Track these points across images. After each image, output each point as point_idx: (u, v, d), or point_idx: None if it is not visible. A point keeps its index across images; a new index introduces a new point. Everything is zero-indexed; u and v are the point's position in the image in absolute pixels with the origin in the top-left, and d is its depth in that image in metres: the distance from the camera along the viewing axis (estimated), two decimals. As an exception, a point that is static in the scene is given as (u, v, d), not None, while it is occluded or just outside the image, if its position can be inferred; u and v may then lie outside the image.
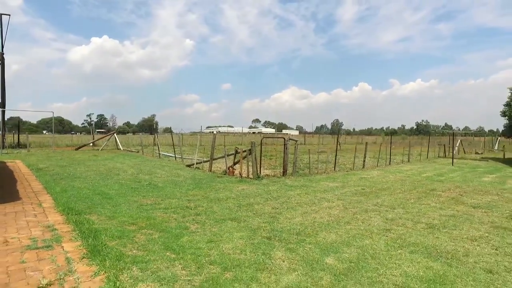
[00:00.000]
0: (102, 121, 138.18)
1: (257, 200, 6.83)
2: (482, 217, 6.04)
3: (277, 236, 4.53)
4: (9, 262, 3.27)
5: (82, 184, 8.12)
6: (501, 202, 7.42)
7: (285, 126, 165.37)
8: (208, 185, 8.64)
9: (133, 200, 6.52)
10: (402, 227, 5.23)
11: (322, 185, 9.06)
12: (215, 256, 3.72)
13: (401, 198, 7.58)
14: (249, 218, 5.44)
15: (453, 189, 9.13)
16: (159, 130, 57.65)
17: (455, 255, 4.09)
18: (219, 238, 4.37)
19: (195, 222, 5.09)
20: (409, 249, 4.25)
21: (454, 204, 7.19)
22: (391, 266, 3.68)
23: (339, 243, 4.38)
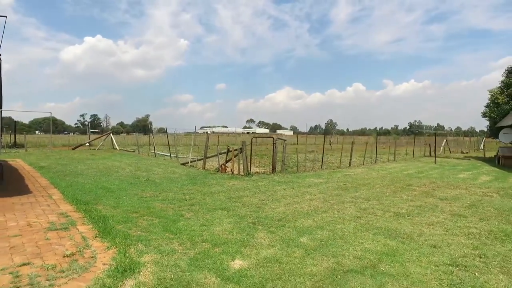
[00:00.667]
0: (96, 121, 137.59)
1: (246, 194, 7.55)
2: (445, 207, 6.82)
3: (261, 222, 5.24)
4: (36, 239, 3.94)
5: (85, 180, 8.77)
6: (466, 195, 8.22)
7: (279, 127, 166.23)
8: (201, 181, 9.34)
9: (133, 193, 7.20)
10: (372, 215, 5.98)
11: (307, 181, 9.81)
12: (207, 236, 4.43)
13: (378, 192, 8.34)
14: (238, 208, 6.16)
15: (427, 184, 9.93)
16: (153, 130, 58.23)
17: (410, 235, 4.84)
18: (211, 223, 5.08)
19: (189, 211, 5.79)
20: (373, 231, 4.99)
21: (425, 197, 7.97)
22: (354, 244, 4.40)
23: (314, 227, 5.10)
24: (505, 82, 20.41)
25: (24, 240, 3.88)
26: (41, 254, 3.47)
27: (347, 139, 57.93)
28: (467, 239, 4.76)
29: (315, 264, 3.65)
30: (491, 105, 21.48)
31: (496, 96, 20.80)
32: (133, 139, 32.46)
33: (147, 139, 30.15)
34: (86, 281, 2.93)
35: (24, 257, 3.39)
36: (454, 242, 4.62)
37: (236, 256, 3.79)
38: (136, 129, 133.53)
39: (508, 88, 20.15)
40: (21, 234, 4.08)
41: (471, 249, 4.33)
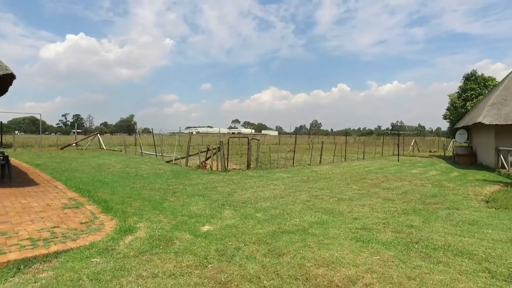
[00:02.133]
0: (79, 121, 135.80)
1: (221, 185, 9.00)
2: (382, 194, 8.44)
3: (228, 204, 6.71)
4: (57, 213, 5.28)
5: (82, 175, 10.04)
6: (406, 185, 9.89)
7: (264, 127, 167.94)
8: (184, 175, 10.73)
9: (126, 185, 8.55)
10: (319, 200, 7.53)
11: (276, 175, 11.33)
12: (185, 212, 5.86)
13: (333, 184, 9.93)
14: (212, 194, 7.61)
15: (380, 178, 11.59)
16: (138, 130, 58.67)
17: (342, 212, 6.39)
18: (189, 204, 6.52)
19: (173, 196, 7.21)
20: (314, 210, 6.52)
21: (371, 187, 9.59)
22: (296, 218, 5.91)
23: (269, 207, 6.60)
24: (462, 87, 22.54)
25: (48, 214, 5.21)
26: (64, 221, 4.83)
27: (329, 139, 60.00)
28: (383, 214, 6.34)
29: (262, 228, 5.13)
30: (451, 108, 23.60)
31: (454, 100, 22.91)
32: (119, 139, 33.37)
33: (133, 139, 31.17)
34: (100, 236, 4.32)
35: (52, 223, 4.74)
36: (372, 216, 6.18)
37: (206, 224, 5.24)
38: (120, 129, 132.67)
39: (464, 93, 22.27)
40: (45, 210, 5.41)
41: (381, 219, 5.90)
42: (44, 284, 3.02)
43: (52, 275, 3.21)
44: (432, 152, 30.45)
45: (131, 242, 4.22)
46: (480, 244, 4.59)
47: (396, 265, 3.80)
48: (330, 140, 59.54)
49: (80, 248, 3.86)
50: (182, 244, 4.25)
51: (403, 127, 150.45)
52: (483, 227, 5.55)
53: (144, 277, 3.26)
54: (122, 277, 3.24)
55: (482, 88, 21.04)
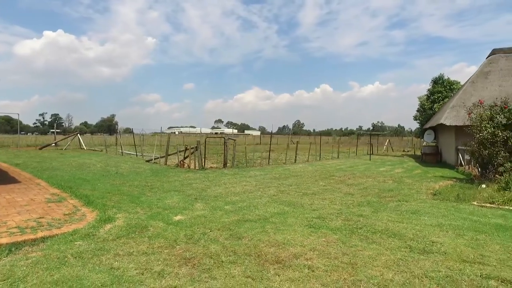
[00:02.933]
0: (57, 121, 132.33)
1: (196, 181, 9.63)
2: (344, 189, 9.24)
3: (201, 198, 7.35)
4: (41, 206, 5.78)
5: (63, 173, 10.43)
6: (369, 182, 10.76)
7: (247, 127, 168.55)
8: (162, 174, 11.28)
9: (106, 182, 9.05)
10: (285, 194, 8.26)
11: (250, 173, 12.03)
12: (160, 205, 6.47)
13: (302, 181, 10.70)
14: (187, 190, 8.23)
15: (347, 175, 12.46)
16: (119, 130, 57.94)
17: (303, 205, 7.12)
18: (164, 198, 7.12)
19: (150, 192, 7.79)
20: (279, 203, 7.23)
21: (337, 183, 10.41)
22: (261, 209, 6.59)
23: (238, 200, 7.28)
24: (430, 90, 23.91)
25: (33, 207, 5.72)
26: (48, 213, 5.36)
27: (310, 139, 61.09)
28: (340, 206, 7.12)
29: (228, 218, 5.80)
30: (421, 110, 24.96)
31: (423, 102, 24.27)
32: (99, 139, 33.32)
33: (114, 139, 31.23)
34: (82, 224, 4.89)
35: (38, 214, 5.26)
36: (330, 207, 6.95)
37: (178, 214, 5.87)
38: (101, 129, 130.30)
39: (432, 95, 23.64)
40: (29, 204, 5.90)
41: (337, 210, 6.66)
42: (34, 261, 3.60)
43: (41, 255, 3.79)
44: (405, 152, 31.89)
45: (110, 229, 4.81)
46: (413, 228, 5.42)
47: (336, 245, 4.55)
48: (310, 140, 60.96)
49: (64, 234, 4.43)
50: (156, 230, 4.88)
51: (383, 127, 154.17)
52: (422, 215, 6.40)
53: (120, 255, 3.88)
54: (102, 255, 3.85)
55: (448, 91, 22.42)
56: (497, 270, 3.72)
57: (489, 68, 17.29)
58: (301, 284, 3.30)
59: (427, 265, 3.86)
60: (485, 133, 10.34)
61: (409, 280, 3.45)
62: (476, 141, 10.73)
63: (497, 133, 10.15)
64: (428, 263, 3.93)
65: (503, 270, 3.72)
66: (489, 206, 7.25)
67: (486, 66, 17.57)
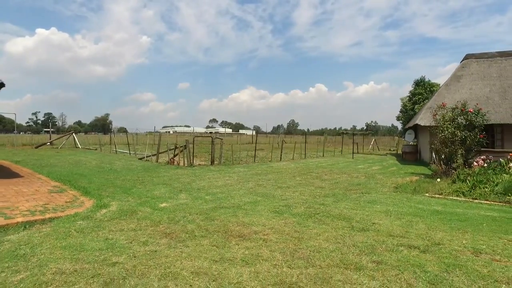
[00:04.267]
0: (50, 120, 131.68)
1: (183, 177, 10.60)
2: (318, 184, 10.26)
3: (185, 190, 8.33)
4: (45, 196, 6.72)
5: (61, 169, 11.34)
6: (343, 177, 11.80)
7: (242, 126, 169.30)
8: (153, 170, 12.23)
9: (101, 177, 9.98)
10: (262, 187, 9.25)
11: (235, 170, 13.02)
12: (149, 195, 7.44)
13: (281, 176, 11.70)
14: (174, 183, 9.20)
15: (325, 172, 13.49)
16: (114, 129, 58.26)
17: (274, 195, 8.12)
18: (153, 190, 8.09)
19: (140, 185, 8.75)
20: (254, 194, 8.22)
21: (313, 179, 11.42)
22: (236, 199, 7.57)
23: (218, 192, 8.26)
24: (412, 92, 25.09)
25: (38, 196, 6.66)
26: (52, 201, 6.30)
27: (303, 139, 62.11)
28: (308, 197, 8.12)
29: (206, 205, 6.78)
30: (403, 110, 26.15)
31: (405, 103, 25.45)
32: (94, 138, 34.09)
33: (108, 138, 32.02)
34: (82, 209, 5.84)
35: (43, 202, 6.21)
36: (298, 198, 7.95)
37: (163, 202, 6.84)
38: (95, 128, 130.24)
39: (414, 96, 24.82)
40: (35, 194, 6.84)
41: (303, 200, 7.67)
42: (46, 234, 4.56)
43: (50, 230, 4.74)
44: (390, 151, 33.07)
45: (105, 213, 5.78)
46: (362, 214, 6.43)
47: (292, 225, 5.55)
48: (302, 140, 62.19)
49: (68, 216, 5.39)
50: (143, 214, 5.85)
51: (377, 126, 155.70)
52: (376, 204, 7.42)
53: (113, 231, 4.85)
54: (99, 230, 4.81)
55: (428, 92, 23.59)
56: (411, 241, 4.75)
57: (461, 72, 18.45)
58: (253, 250, 4.29)
59: (359, 238, 4.88)
60: (446, 133, 11.44)
61: (339, 247, 4.46)
62: (439, 140, 11.83)
63: (457, 133, 11.25)
64: (361, 237, 4.94)
65: (415, 241, 4.75)
66: (438, 196, 8.32)
67: (459, 70, 18.74)
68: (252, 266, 3.73)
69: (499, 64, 18.03)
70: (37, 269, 3.41)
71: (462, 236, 5.06)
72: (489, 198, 7.80)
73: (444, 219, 6.07)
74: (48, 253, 3.88)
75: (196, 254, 4.04)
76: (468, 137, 11.23)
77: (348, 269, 3.71)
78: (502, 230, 5.36)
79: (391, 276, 3.53)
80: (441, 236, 5.00)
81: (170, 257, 3.90)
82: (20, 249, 3.95)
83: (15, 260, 3.62)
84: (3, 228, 4.60)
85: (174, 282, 3.27)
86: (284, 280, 3.40)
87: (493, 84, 17.12)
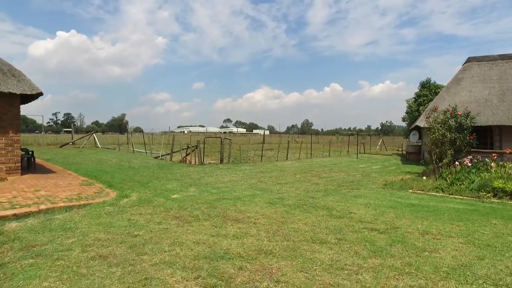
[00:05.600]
0: (69, 120, 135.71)
1: (194, 173, 11.84)
2: (314, 181, 11.30)
3: (195, 184, 9.54)
4: (77, 187, 8.05)
5: (86, 166, 12.78)
6: (341, 176, 12.79)
7: (256, 126, 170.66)
8: (167, 168, 13.53)
9: (121, 173, 11.33)
10: (262, 183, 10.37)
11: (241, 168, 14.19)
12: (163, 188, 8.68)
13: (283, 174, 12.79)
14: (185, 179, 10.44)
15: (326, 170, 14.50)
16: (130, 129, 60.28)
17: (272, 190, 9.22)
18: (166, 184, 9.34)
19: (156, 180, 10.02)
20: (254, 188, 9.35)
21: (312, 176, 12.46)
22: (237, 192, 8.72)
23: (223, 187, 9.44)
24: (417, 93, 25.70)
25: (72, 187, 7.99)
26: (83, 192, 7.62)
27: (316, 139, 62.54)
28: (301, 191, 9.19)
29: (211, 197, 7.96)
30: (409, 111, 26.76)
31: (411, 104, 26.07)
32: (112, 138, 35.99)
33: (125, 138, 33.77)
34: (108, 198, 7.11)
35: (77, 192, 7.52)
36: (292, 192, 9.03)
37: (175, 194, 8.07)
38: (112, 128, 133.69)
39: (419, 98, 25.42)
40: (69, 186, 8.18)
41: (296, 194, 8.74)
42: (83, 215, 5.82)
43: (85, 212, 6.01)
44: (398, 151, 33.62)
45: (127, 201, 7.03)
46: (344, 205, 7.47)
47: (281, 213, 6.65)
48: (314, 140, 62.96)
49: (97, 203, 6.66)
50: (158, 203, 7.08)
51: (392, 126, 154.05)
52: (360, 198, 8.44)
53: (134, 214, 6.08)
54: (123, 213, 6.05)
55: (433, 94, 24.15)
56: (375, 225, 5.79)
57: (462, 75, 19.08)
58: (244, 230, 5.43)
59: (333, 223, 5.94)
60: (437, 134, 12.29)
61: (313, 229, 5.54)
62: (430, 141, 12.68)
63: (446, 134, 12.09)
64: (335, 222, 6.01)
65: (379, 226, 5.78)
66: (419, 192, 9.25)
67: (460, 73, 19.37)
68: (240, 239, 4.88)
69: (499, 67, 18.58)
70: (81, 237, 4.65)
71: (421, 222, 6.06)
72: (463, 194, 8.69)
73: (413, 210, 7.05)
74: (87, 227, 5.13)
75: (198, 231, 5.21)
76: (457, 138, 12.04)
77: (315, 243, 4.80)
78: (458, 219, 6.32)
79: (345, 247, 4.61)
80: (402, 223, 6.01)
81: (178, 233, 5.09)
82: (66, 224, 5.22)
83: (65, 231, 4.88)
84: (51, 210, 5.90)
85: (179, 247, 4.45)
86: (262, 248, 4.53)
87: (493, 87, 17.71)
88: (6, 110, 8.93)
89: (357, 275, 3.70)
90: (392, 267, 3.92)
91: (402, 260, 4.15)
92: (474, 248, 4.65)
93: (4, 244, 4.28)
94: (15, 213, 5.49)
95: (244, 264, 3.94)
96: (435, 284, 3.49)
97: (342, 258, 4.18)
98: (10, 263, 3.70)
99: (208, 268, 3.76)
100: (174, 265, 3.82)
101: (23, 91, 8.93)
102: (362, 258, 4.19)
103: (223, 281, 3.46)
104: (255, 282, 3.47)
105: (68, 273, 3.50)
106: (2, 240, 4.41)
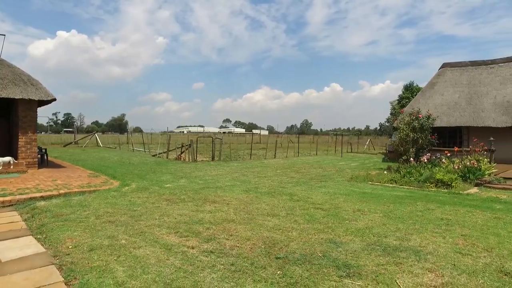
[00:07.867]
0: (69, 120, 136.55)
1: (186, 169, 13.48)
2: (291, 175, 12.92)
3: (185, 177, 11.18)
4: (86, 179, 9.68)
5: (91, 163, 14.42)
6: (318, 171, 14.41)
7: (255, 126, 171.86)
8: (163, 164, 15.17)
9: (123, 168, 12.97)
10: (244, 177, 12.00)
11: (230, 165, 15.83)
12: (158, 180, 10.33)
13: (266, 169, 14.42)
14: (178, 173, 12.08)
15: (306, 167, 16.11)
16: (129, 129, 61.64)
17: (250, 181, 10.84)
18: (161, 176, 10.98)
19: (152, 173, 11.67)
20: (236, 180, 10.97)
21: (291, 172, 14.08)
22: (222, 183, 10.34)
23: (209, 179, 11.07)
24: (400, 96, 27.36)
25: (82, 178, 9.63)
26: (92, 182, 9.26)
27: (313, 138, 64.29)
28: (275, 183, 10.79)
29: (198, 186, 9.59)
30: (393, 112, 28.41)
31: (394, 106, 27.72)
32: (112, 138, 37.65)
33: (125, 138, 35.41)
34: (112, 186, 8.75)
35: (86, 181, 9.15)
36: (268, 184, 10.64)
37: (168, 184, 9.71)
38: (111, 128, 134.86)
39: (402, 100, 27.08)
40: (79, 177, 9.82)
41: (270, 185, 10.35)
42: (93, 197, 7.47)
43: (95, 196, 7.65)
44: (385, 150, 35.23)
45: (128, 189, 8.67)
46: (306, 193, 9.09)
47: (251, 198, 8.28)
48: (311, 140, 64.63)
49: (104, 189, 8.30)
50: (153, 190, 8.72)
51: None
52: (323, 188, 10.04)
53: (134, 197, 7.72)
54: (125, 196, 7.69)
55: (415, 96, 25.79)
56: (323, 206, 7.40)
57: (436, 80, 20.73)
58: (217, 208, 7.04)
59: (290, 204, 7.56)
60: (402, 134, 13.94)
61: (272, 208, 7.16)
62: (397, 140, 14.32)
63: (409, 134, 13.73)
64: (292, 204, 7.62)
65: (325, 206, 7.39)
66: (376, 184, 10.88)
67: (435, 78, 21.01)
68: (213, 214, 6.51)
69: (469, 73, 20.22)
70: (94, 210, 6.30)
71: (360, 204, 7.67)
72: (411, 185, 10.33)
73: (362, 197, 8.66)
74: (97, 205, 6.77)
75: (183, 208, 6.85)
76: (420, 138, 13.69)
77: (269, 216, 6.43)
78: (391, 202, 7.94)
79: (289, 218, 6.24)
80: (346, 205, 7.62)
81: (167, 209, 6.73)
82: (82, 202, 6.87)
83: (81, 207, 6.53)
84: (68, 194, 7.55)
85: (167, 217, 6.08)
86: (227, 218, 6.15)
87: (462, 91, 19.36)
88: (26, 114, 10.57)
89: (288, 232, 5.34)
90: (316, 229, 5.55)
91: (325, 225, 5.78)
92: (386, 219, 6.28)
93: (40, 214, 5.93)
94: (42, 195, 7.14)
95: (211, 226, 5.58)
96: (340, 238, 5.13)
97: (282, 224, 5.82)
98: (48, 224, 5.35)
99: (185, 228, 5.41)
100: (161, 226, 5.46)
101: (40, 98, 10.57)
102: (298, 224, 5.83)
103: (194, 234, 5.10)
104: (215, 235, 5.11)
105: (89, 229, 5.15)
106: (38, 212, 6.06)
